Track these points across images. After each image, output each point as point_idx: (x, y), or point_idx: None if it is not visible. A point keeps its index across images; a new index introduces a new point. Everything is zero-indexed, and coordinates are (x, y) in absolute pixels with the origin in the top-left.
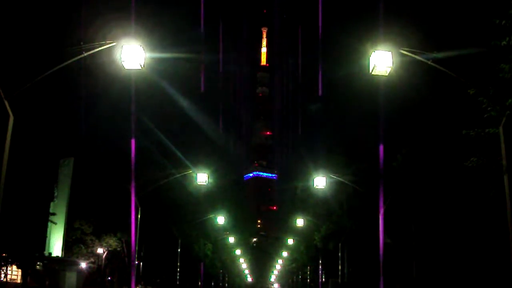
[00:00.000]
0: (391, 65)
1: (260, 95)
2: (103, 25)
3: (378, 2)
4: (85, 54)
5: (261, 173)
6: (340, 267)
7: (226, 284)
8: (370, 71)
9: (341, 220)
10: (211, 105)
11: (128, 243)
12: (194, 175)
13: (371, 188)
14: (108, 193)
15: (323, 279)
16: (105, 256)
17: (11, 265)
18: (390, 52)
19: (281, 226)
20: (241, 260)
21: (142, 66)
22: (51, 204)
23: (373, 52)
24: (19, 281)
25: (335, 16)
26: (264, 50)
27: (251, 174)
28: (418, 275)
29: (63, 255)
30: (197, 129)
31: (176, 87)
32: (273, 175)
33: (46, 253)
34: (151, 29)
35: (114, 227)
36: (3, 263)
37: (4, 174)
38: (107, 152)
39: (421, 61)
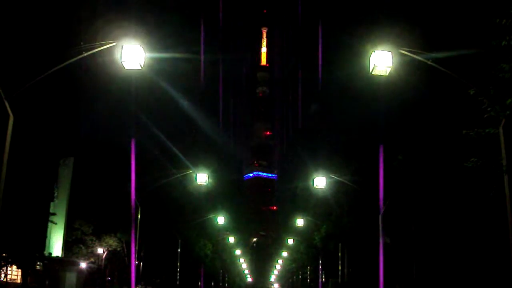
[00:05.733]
0: (391, 65)
1: (260, 95)
2: (103, 25)
3: (378, 3)
4: (85, 54)
5: (261, 173)
6: (340, 267)
7: (226, 284)
8: (370, 71)
9: (341, 220)
10: (211, 105)
11: (128, 243)
12: (194, 175)
13: (371, 188)
14: (108, 193)
15: (323, 279)
16: (105, 256)
17: (11, 265)
18: (390, 52)
19: (281, 226)
20: (241, 260)
21: (142, 66)
22: (51, 204)
23: (373, 52)
24: (19, 281)
25: (335, 16)
26: (264, 50)
27: (251, 174)
28: (418, 275)
29: (63, 255)
30: (197, 129)
31: (176, 87)
32: (273, 175)
33: (46, 253)
34: (151, 29)
35: (114, 227)
36: (3, 263)
37: (4, 174)
38: (107, 152)
39: (421, 61)
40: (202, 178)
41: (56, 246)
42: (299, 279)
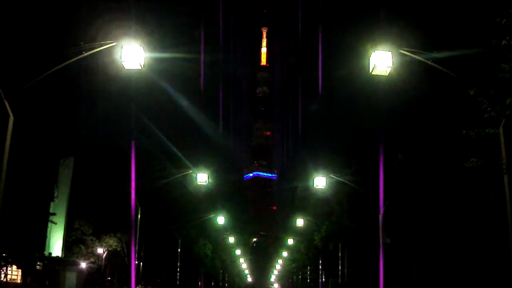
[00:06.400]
0: (391, 65)
1: (260, 95)
2: (103, 25)
3: (378, 2)
4: (85, 54)
5: (261, 173)
6: (340, 267)
7: (226, 284)
8: (370, 71)
9: (341, 220)
10: (211, 105)
11: (128, 243)
12: (194, 175)
13: (371, 188)
14: (108, 193)
15: (323, 279)
16: (105, 256)
17: (11, 265)
18: (390, 52)
19: (281, 226)
20: (241, 260)
21: (142, 66)
22: (51, 204)
23: (373, 52)
24: (19, 281)
25: (335, 16)
26: (264, 50)
27: (251, 174)
28: (418, 275)
29: (63, 255)
30: (197, 129)
31: (176, 87)
32: (273, 175)
33: (46, 253)
34: (151, 29)
35: (114, 227)
36: (3, 263)
37: (4, 174)
38: (107, 152)
39: (421, 61)
40: (202, 178)
41: (56, 246)
42: (299, 279)
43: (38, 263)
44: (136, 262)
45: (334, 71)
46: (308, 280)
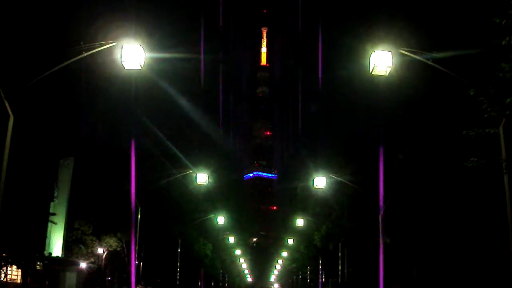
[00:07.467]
0: (391, 65)
1: (260, 95)
2: (103, 25)
3: (378, 2)
4: (85, 54)
5: (261, 173)
6: (340, 267)
7: (226, 284)
8: (370, 71)
9: (341, 220)
10: (211, 105)
11: (128, 243)
12: (194, 175)
13: (371, 188)
14: (108, 193)
15: (323, 279)
16: (105, 256)
17: (11, 265)
18: (390, 52)
19: (281, 226)
20: (241, 260)
21: (142, 66)
22: (51, 204)
23: (373, 52)
24: (19, 281)
25: (335, 16)
26: (264, 50)
27: (251, 174)
28: (418, 275)
29: (63, 255)
30: (197, 129)
31: (176, 87)
32: (273, 175)
33: (46, 253)
34: (151, 29)
35: (114, 227)
36: (3, 263)
37: (4, 174)
38: (107, 152)
39: (421, 61)
40: (202, 178)
41: (56, 246)
42: (299, 279)
43: (38, 263)
44: (136, 262)
45: (334, 71)
46: (308, 280)
